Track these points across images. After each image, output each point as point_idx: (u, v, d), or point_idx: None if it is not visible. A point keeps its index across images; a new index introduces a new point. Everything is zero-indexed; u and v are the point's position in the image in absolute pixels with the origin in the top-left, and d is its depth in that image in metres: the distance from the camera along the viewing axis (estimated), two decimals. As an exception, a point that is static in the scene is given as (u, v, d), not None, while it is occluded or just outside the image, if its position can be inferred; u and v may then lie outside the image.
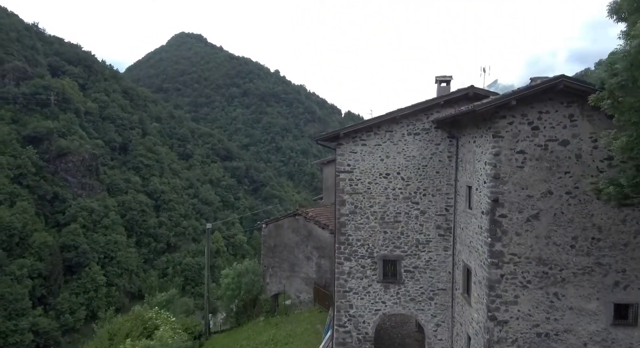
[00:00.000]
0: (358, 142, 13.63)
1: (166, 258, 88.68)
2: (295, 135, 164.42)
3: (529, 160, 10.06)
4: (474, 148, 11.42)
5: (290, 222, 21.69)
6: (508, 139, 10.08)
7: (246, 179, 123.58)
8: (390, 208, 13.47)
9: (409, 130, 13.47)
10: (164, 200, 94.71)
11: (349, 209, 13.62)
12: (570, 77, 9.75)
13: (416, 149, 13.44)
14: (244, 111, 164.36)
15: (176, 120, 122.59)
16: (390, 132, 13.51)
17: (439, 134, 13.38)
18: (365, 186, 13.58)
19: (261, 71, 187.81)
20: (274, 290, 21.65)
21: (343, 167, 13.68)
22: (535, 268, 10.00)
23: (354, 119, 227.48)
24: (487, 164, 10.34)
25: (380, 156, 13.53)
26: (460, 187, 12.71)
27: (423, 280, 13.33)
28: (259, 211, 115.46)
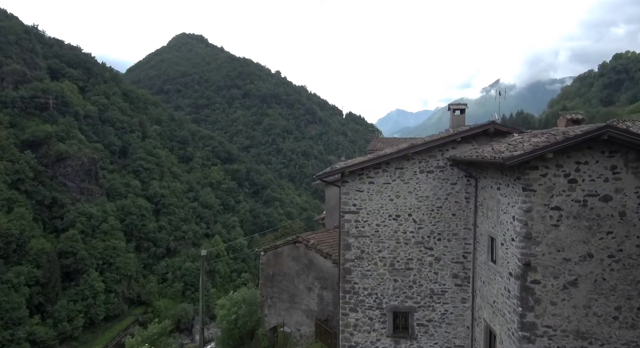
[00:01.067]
0: (365, 180, 12.25)
1: (166, 263, 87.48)
2: (296, 137, 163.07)
3: (565, 218, 8.68)
4: (499, 196, 10.03)
5: (290, 249, 20.29)
6: (541, 193, 8.69)
7: (247, 182, 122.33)
8: (400, 254, 12.09)
9: (421, 167, 12.08)
10: (164, 204, 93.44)
11: (355, 254, 12.25)
12: (617, 128, 8.35)
13: (430, 188, 12.05)
14: (245, 113, 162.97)
15: (177, 123, 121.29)
16: (401, 169, 12.13)
17: (455, 173, 11.98)
18: (373, 229, 12.20)
19: (262, 72, 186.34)
20: (272, 322, 20.33)
21: (348, 207, 12.30)
22: (572, 343, 8.63)
23: (355, 120, 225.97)
24: (517, 220, 8.95)
25: (390, 195, 12.15)
26: (480, 234, 11.31)
27: (438, 335, 11.96)
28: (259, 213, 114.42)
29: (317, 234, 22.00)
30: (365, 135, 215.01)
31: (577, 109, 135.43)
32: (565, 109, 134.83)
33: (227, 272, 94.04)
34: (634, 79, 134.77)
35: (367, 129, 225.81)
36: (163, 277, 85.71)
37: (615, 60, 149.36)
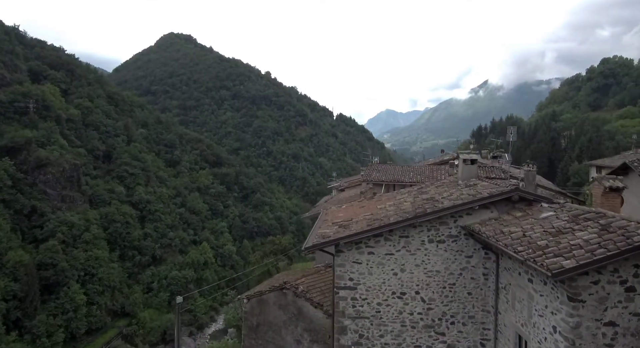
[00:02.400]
0: (363, 250, 10.24)
1: (151, 271, 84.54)
2: (286, 139, 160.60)
3: (621, 336, 6.78)
4: (531, 290, 8.09)
5: (277, 297, 18.19)
6: (592, 304, 6.77)
7: (236, 186, 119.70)
8: (407, 340, 10.11)
9: (430, 236, 10.11)
10: (150, 210, 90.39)
11: (352, 339, 10.23)
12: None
13: (440, 261, 10.09)
14: (234, 114, 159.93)
15: (163, 126, 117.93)
16: (406, 238, 10.15)
17: (470, 243, 10.04)
18: (374, 308, 10.20)
19: (252, 73, 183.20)
20: (257, 377, 18.34)
21: (343, 281, 10.27)
22: None
23: (346, 122, 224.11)
24: (560, 334, 7.03)
25: (394, 269, 10.16)
26: (504, 325, 9.39)
27: None
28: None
29: (306, 277, 19.95)
30: (356, 137, 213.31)
31: (565, 113, 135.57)
32: (554, 113, 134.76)
33: (215, 280, 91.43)
34: (622, 83, 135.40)
35: (358, 130, 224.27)
36: (148, 286, 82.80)
37: (602, 65, 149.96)
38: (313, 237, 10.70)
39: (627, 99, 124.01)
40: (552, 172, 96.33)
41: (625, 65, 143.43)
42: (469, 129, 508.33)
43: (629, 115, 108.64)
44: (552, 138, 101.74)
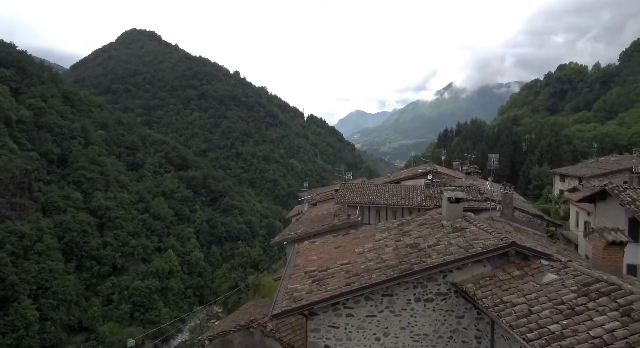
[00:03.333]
0: (341, 312, 8.83)
1: (111, 282, 79.89)
2: (256, 141, 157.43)
3: None
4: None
5: (242, 336, 16.48)
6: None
7: (203, 190, 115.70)
8: None
9: (417, 294, 8.83)
10: (110, 217, 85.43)
11: None
12: None
13: (429, 323, 8.83)
14: (202, 115, 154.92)
15: (125, 127, 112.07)
16: (390, 297, 8.82)
17: (461, 302, 8.84)
18: (354, 380, 8.79)
19: (220, 73, 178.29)
20: None
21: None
22: None
23: (317, 123, 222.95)
24: None
25: (376, 333, 8.81)
26: (500, 401, 8.21)
27: None
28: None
29: (276, 311, 18.33)
30: (327, 138, 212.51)
31: (525, 117, 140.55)
32: (516, 117, 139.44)
33: (181, 289, 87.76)
34: (577, 89, 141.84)
35: (328, 131, 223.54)
36: (108, 298, 78.14)
37: (559, 71, 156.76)
38: (282, 294, 9.15)
39: (582, 103, 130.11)
40: (514, 175, 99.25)
41: (580, 71, 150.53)
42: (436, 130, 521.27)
43: (585, 120, 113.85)
44: (513, 142, 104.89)
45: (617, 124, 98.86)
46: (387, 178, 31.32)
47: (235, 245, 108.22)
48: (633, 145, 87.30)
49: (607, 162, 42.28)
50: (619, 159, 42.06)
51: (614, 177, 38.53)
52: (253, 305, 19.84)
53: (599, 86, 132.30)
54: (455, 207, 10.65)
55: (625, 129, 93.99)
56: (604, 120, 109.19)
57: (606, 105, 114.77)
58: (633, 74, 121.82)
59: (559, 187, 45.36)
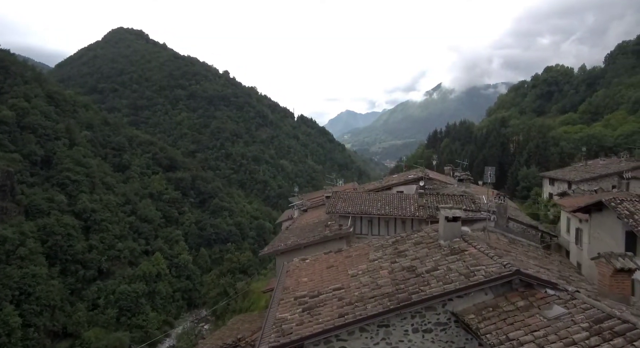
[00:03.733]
0: (333, 344, 8.19)
1: (97, 287, 78.15)
2: (246, 141, 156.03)
3: None
4: None
5: (230, 356, 15.78)
6: None
7: (192, 191, 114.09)
8: None
9: (415, 324, 8.24)
10: (95, 220, 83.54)
11: None
12: None
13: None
14: (190, 115, 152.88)
15: (111, 127, 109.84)
16: (386, 328, 8.22)
17: (461, 333, 8.28)
18: None
19: (209, 72, 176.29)
20: None
21: (311, 383, 8.14)
22: None
23: (307, 123, 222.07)
24: None
25: (371, 367, 8.18)
26: None
27: None
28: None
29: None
30: (317, 139, 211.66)
31: (512, 118, 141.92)
32: (504, 118, 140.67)
33: (169, 292, 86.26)
34: (563, 90, 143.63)
35: (319, 132, 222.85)
36: (94, 303, 76.39)
37: (546, 73, 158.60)
38: (270, 325, 8.48)
39: (568, 105, 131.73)
40: (502, 176, 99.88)
41: (566, 73, 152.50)
42: (425, 130, 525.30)
43: (571, 122, 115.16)
44: (502, 143, 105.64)
45: (603, 126, 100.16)
46: (379, 183, 30.84)
47: (224, 247, 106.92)
48: (618, 146, 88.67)
49: (596, 166, 42.49)
50: (607, 162, 42.29)
51: (602, 181, 38.69)
52: (241, 319, 19.09)
53: (585, 88, 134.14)
54: (452, 226, 10.12)
55: (610, 130, 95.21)
56: (589, 122, 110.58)
57: (592, 107, 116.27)
58: (618, 76, 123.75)
59: (548, 190, 45.53)
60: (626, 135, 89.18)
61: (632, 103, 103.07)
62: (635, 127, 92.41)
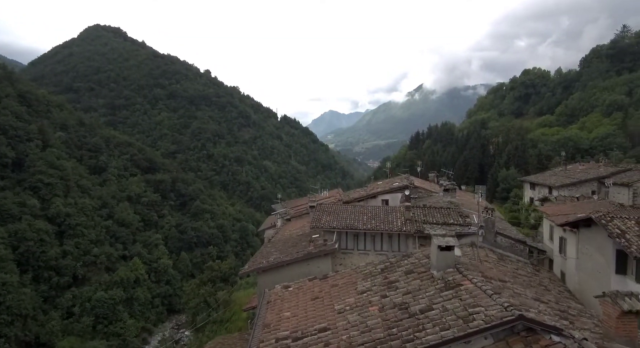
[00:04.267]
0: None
1: (72, 294, 75.15)
2: (228, 142, 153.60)
3: None
4: None
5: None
6: None
7: (172, 193, 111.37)
8: None
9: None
10: (70, 225, 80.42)
11: None
12: None
13: (422, 406, 7.43)
14: (170, 115, 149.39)
15: (87, 128, 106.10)
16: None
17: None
18: None
19: (189, 71, 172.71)
20: None
21: None
22: None
23: (290, 124, 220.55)
24: None
25: None
26: None
27: None
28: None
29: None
30: (301, 139, 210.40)
31: (492, 120, 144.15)
32: (483, 120, 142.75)
33: (148, 298, 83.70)
34: (540, 93, 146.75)
35: (302, 132, 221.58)
36: (68, 311, 73.41)
37: (524, 75, 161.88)
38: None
39: (545, 107, 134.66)
40: (482, 178, 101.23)
41: (543, 76, 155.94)
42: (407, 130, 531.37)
43: (548, 124, 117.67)
44: (482, 145, 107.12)
45: (579, 128, 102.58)
46: (364, 191, 30.17)
47: (206, 251, 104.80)
48: (594, 149, 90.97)
49: (575, 171, 43.00)
50: (586, 167, 42.84)
51: (582, 187, 39.15)
52: (220, 343, 18.01)
53: (561, 91, 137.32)
54: (446, 256, 9.42)
55: (586, 133, 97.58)
56: (565, 124, 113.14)
57: (568, 109, 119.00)
58: (592, 79, 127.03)
59: (529, 195, 45.95)
60: (601, 138, 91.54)
61: (606, 106, 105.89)
62: (609, 129, 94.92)
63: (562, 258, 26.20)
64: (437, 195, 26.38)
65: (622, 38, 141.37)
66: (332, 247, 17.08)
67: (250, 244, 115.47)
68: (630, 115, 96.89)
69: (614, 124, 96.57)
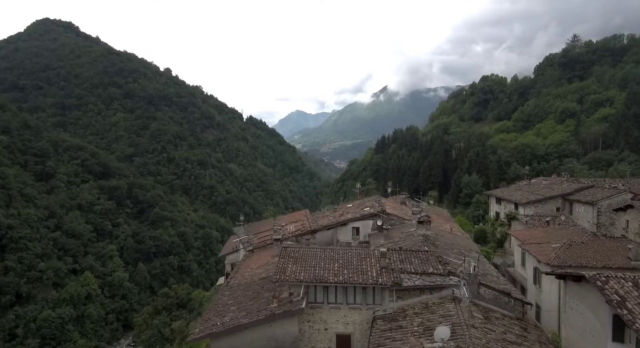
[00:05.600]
0: None
1: (15, 314, 68.48)
2: (190, 144, 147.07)
3: None
4: None
5: None
6: None
7: (129, 200, 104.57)
8: None
9: None
10: (12, 238, 73.21)
11: None
12: None
13: None
14: (127, 116, 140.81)
15: (32, 131, 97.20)
16: None
17: None
18: None
19: (148, 70, 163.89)
20: None
21: None
22: None
23: (256, 125, 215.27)
24: None
25: None
26: None
27: None
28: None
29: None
30: (267, 141, 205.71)
31: (453, 125, 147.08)
32: (445, 125, 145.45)
33: (101, 315, 77.69)
34: (498, 99, 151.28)
35: (269, 133, 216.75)
36: (11, 332, 66.87)
37: (482, 82, 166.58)
38: None
39: (503, 113, 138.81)
40: (446, 182, 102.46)
41: (500, 82, 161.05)
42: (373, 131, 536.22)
43: (505, 129, 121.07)
44: (445, 150, 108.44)
45: (535, 134, 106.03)
46: (333, 217, 27.92)
47: (166, 261, 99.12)
48: (550, 155, 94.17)
49: (539, 186, 43.04)
50: (550, 182, 42.99)
51: (547, 203, 39.05)
52: None
53: (517, 97, 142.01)
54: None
55: (541, 139, 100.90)
56: (522, 130, 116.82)
57: (524, 115, 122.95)
58: (546, 86, 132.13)
59: (495, 209, 45.71)
60: (556, 145, 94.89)
61: (559, 113, 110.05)
62: (563, 136, 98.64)
63: (537, 289, 25.31)
64: (410, 223, 24.64)
65: (573, 47, 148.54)
66: (299, 306, 14.75)
67: (214, 252, 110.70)
68: (582, 122, 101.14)
69: (567, 131, 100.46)
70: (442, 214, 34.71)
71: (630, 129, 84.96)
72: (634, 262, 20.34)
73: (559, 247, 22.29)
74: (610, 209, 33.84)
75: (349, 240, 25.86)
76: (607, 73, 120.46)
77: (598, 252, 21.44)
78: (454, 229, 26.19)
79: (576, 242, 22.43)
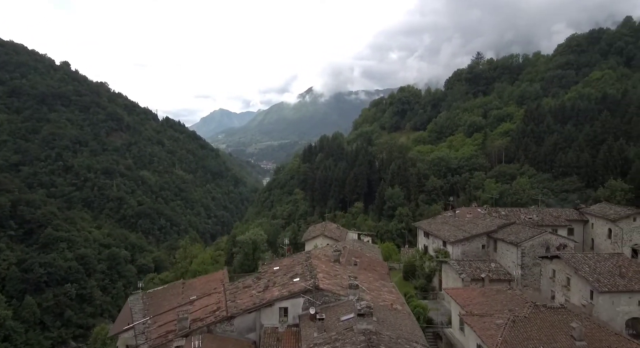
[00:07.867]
0: None
1: None
2: (93, 150, 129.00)
3: None
4: None
5: None
6: None
7: (12, 221, 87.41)
8: None
9: None
10: None
11: None
12: None
13: None
14: (12, 117, 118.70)
15: None
16: None
17: None
18: None
19: (40, 64, 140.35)
20: None
21: None
22: None
23: (174, 127, 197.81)
24: None
25: None
26: None
27: None
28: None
29: None
30: (186, 145, 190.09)
31: (375, 133, 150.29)
32: (368, 134, 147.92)
33: (-29, 370, 62.61)
34: (414, 109, 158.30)
35: (188, 136, 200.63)
36: None
37: (400, 92, 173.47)
38: None
39: (419, 123, 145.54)
40: (371, 193, 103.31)
41: (416, 94, 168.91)
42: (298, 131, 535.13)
43: (422, 140, 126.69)
44: (369, 161, 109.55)
45: (447, 147, 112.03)
46: (257, 292, 23.06)
47: (61, 290, 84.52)
48: (462, 168, 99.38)
49: (464, 218, 43.00)
50: (473, 216, 43.05)
51: (474, 241, 38.85)
52: None
53: (431, 108, 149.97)
54: None
55: (454, 151, 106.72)
56: (436, 141, 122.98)
57: (437, 126, 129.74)
58: (455, 100, 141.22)
59: (424, 242, 44.91)
60: (467, 158, 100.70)
61: (467, 126, 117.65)
62: (472, 149, 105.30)
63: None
64: (347, 300, 21.05)
65: (477, 64, 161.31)
66: None
67: (122, 275, 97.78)
68: (488, 135, 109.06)
69: (475, 144, 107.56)
70: (376, 261, 31.89)
71: (529, 144, 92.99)
72: (578, 343, 19.35)
73: (504, 325, 20.51)
74: (534, 250, 34.21)
75: (275, 324, 21.44)
76: (506, 90, 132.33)
77: (542, 330, 20.11)
78: (395, 299, 23.16)
79: (519, 318, 20.87)
